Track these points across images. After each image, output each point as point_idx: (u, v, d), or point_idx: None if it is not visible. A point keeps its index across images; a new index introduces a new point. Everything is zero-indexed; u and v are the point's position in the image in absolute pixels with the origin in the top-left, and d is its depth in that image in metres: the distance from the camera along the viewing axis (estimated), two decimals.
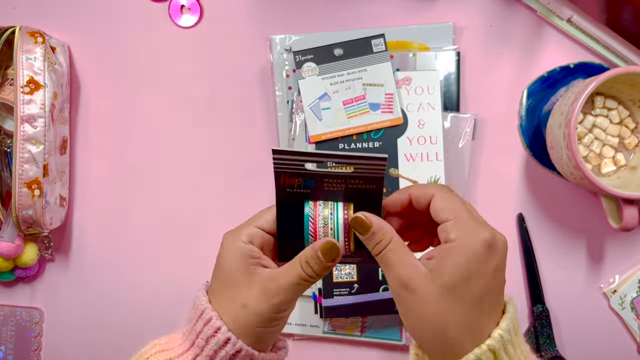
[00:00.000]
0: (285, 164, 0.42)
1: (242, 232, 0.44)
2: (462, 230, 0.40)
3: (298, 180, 0.43)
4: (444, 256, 0.39)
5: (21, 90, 0.63)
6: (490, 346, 0.38)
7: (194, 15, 0.71)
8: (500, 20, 0.70)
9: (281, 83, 0.69)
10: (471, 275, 0.39)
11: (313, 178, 0.43)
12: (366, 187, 0.43)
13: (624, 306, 0.69)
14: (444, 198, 0.42)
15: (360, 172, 0.42)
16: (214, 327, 0.42)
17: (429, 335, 0.40)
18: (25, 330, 0.72)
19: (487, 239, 0.39)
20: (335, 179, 0.43)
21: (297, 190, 0.43)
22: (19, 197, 0.63)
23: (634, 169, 0.64)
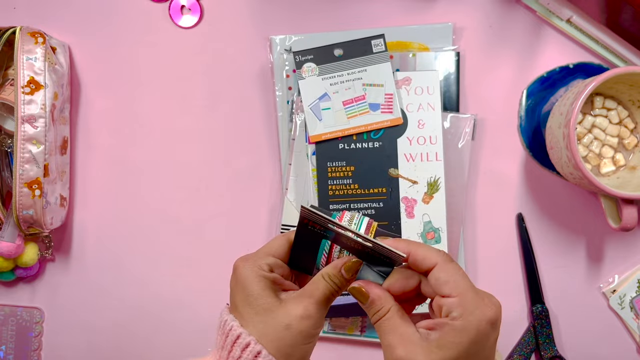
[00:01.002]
0: (311, 217, 0.44)
1: (260, 261, 0.45)
2: (466, 310, 0.39)
3: (320, 227, 0.45)
4: (447, 332, 0.39)
5: (22, 90, 0.63)
6: None
7: (194, 16, 0.71)
8: (500, 21, 0.70)
9: (281, 83, 0.69)
10: (472, 355, 0.39)
11: (334, 232, 0.45)
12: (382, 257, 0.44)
13: (623, 306, 0.69)
14: (446, 270, 0.41)
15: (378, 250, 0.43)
16: (254, 352, 0.42)
17: None
18: (25, 329, 0.72)
19: (492, 319, 0.40)
20: (354, 241, 0.44)
21: (317, 231, 0.45)
22: (20, 197, 0.63)
23: (633, 169, 0.65)
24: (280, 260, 0.46)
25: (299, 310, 0.43)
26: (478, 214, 0.70)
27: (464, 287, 0.40)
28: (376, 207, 0.66)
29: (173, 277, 0.72)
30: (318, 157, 0.66)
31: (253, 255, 0.46)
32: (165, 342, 0.72)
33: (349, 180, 0.66)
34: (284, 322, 0.43)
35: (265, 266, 0.45)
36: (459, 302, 0.40)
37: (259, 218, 0.71)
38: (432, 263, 0.42)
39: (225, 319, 0.45)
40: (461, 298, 0.40)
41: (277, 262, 0.46)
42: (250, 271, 0.45)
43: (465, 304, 0.39)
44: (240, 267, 0.46)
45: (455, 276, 0.41)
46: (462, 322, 0.39)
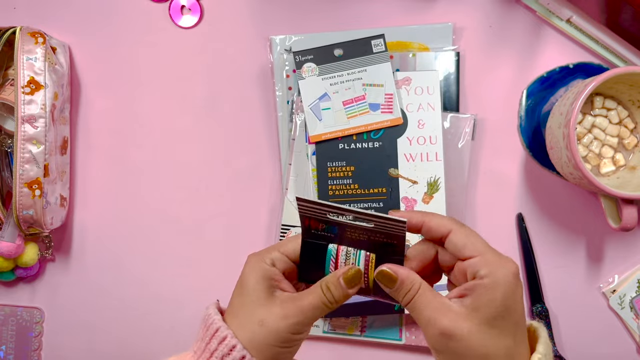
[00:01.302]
0: (309, 211, 0.43)
1: (266, 255, 0.45)
2: (491, 266, 0.40)
3: (322, 225, 0.44)
4: (480, 293, 0.40)
5: (22, 90, 0.63)
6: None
7: (195, 16, 0.71)
8: (500, 21, 0.70)
9: (281, 83, 0.69)
10: (507, 309, 0.40)
11: (336, 226, 0.44)
12: (388, 241, 0.43)
13: (623, 306, 0.69)
14: (462, 234, 0.42)
15: (380, 228, 0.43)
16: (229, 346, 0.42)
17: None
18: (25, 329, 0.72)
19: (515, 271, 0.40)
20: (357, 230, 0.43)
21: (321, 233, 0.45)
22: (20, 197, 0.63)
23: (633, 169, 0.65)
24: (287, 257, 0.45)
25: (279, 309, 0.43)
26: (478, 214, 0.70)
27: (483, 246, 0.41)
28: (376, 207, 0.66)
29: (173, 277, 0.72)
30: (318, 157, 0.66)
31: (265, 249, 0.46)
32: (165, 342, 0.72)
33: (349, 180, 0.66)
34: (259, 317, 0.43)
35: (268, 259, 0.44)
36: (482, 261, 0.40)
37: (259, 218, 0.71)
38: (447, 229, 0.42)
39: (209, 312, 0.45)
40: (483, 257, 0.40)
41: (282, 258, 0.45)
42: (252, 264, 0.45)
43: (489, 262, 0.40)
44: (248, 260, 0.46)
45: (472, 238, 0.41)
46: (491, 279, 0.39)
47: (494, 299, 0.39)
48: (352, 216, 0.43)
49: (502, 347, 0.39)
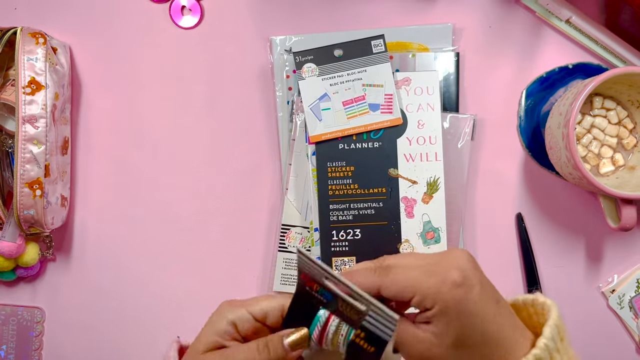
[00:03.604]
0: (307, 266, 0.41)
1: (234, 311, 0.42)
2: (433, 296, 0.38)
3: (316, 286, 0.42)
4: (438, 320, 0.39)
5: (22, 90, 0.63)
6: (537, 356, 0.38)
7: (195, 16, 0.71)
8: (499, 21, 0.70)
9: (281, 84, 0.69)
10: (467, 322, 0.38)
11: (331, 294, 0.41)
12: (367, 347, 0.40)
13: (622, 305, 0.69)
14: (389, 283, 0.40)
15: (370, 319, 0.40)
16: None
17: None
18: (26, 329, 0.72)
19: (458, 281, 0.38)
20: (350, 307, 0.40)
21: (314, 294, 0.42)
22: (21, 197, 0.63)
23: (632, 169, 0.65)
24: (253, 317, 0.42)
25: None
26: (478, 214, 0.70)
27: (415, 281, 0.39)
28: (376, 207, 0.66)
29: (173, 276, 0.72)
30: (318, 157, 0.67)
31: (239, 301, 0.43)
32: (165, 342, 0.72)
33: (348, 180, 0.67)
34: None
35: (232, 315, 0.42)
36: (420, 298, 0.39)
37: (259, 218, 0.71)
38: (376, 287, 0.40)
39: (169, 354, 0.44)
40: (419, 293, 0.39)
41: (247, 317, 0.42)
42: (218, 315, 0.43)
43: (426, 294, 0.39)
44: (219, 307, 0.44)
45: (400, 281, 0.40)
46: (438, 307, 0.38)
47: (448, 322, 0.38)
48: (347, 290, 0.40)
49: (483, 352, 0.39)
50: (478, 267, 0.40)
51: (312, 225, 0.67)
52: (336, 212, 0.66)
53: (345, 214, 0.66)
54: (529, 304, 0.43)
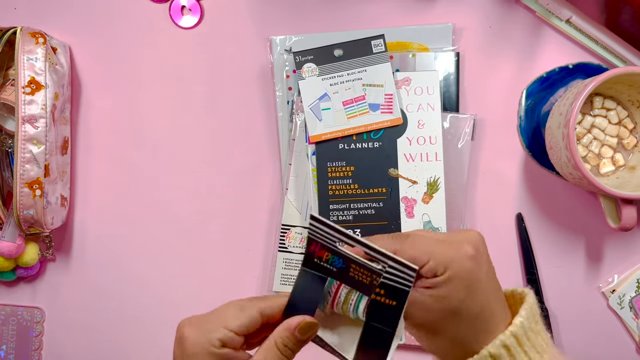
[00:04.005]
0: (320, 234, 0.42)
1: (212, 334, 0.41)
2: (445, 262, 0.41)
3: (327, 255, 0.42)
4: (441, 286, 0.41)
5: (22, 90, 0.63)
6: (513, 332, 0.41)
7: (195, 16, 0.71)
8: (499, 21, 0.70)
9: (281, 83, 0.69)
10: (471, 292, 0.41)
11: (342, 258, 0.42)
12: (388, 302, 0.42)
13: (622, 306, 0.69)
14: (407, 247, 0.42)
15: (388, 275, 0.41)
16: None
17: (450, 351, 0.42)
18: (26, 329, 0.72)
19: (471, 254, 0.42)
20: (363, 270, 0.42)
21: (323, 264, 0.42)
22: (20, 197, 0.63)
23: (632, 169, 0.65)
24: (232, 332, 0.41)
25: None
26: (478, 214, 0.70)
27: (432, 248, 0.42)
28: (376, 207, 0.66)
29: (173, 276, 0.72)
30: (318, 157, 0.67)
31: (203, 322, 0.42)
32: (165, 342, 0.72)
33: (349, 180, 0.67)
34: None
35: (217, 341, 0.41)
36: (435, 263, 0.41)
37: (259, 218, 0.71)
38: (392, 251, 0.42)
39: None
40: (435, 258, 0.41)
41: (229, 336, 0.41)
42: (199, 346, 0.41)
43: (441, 260, 0.41)
44: (188, 338, 0.41)
45: (418, 247, 0.42)
46: (448, 274, 0.41)
47: (454, 289, 0.41)
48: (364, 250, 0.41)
49: (476, 326, 0.41)
50: (487, 249, 0.44)
51: None
52: (336, 212, 0.66)
53: (345, 214, 0.66)
54: (508, 295, 0.46)
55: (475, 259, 0.42)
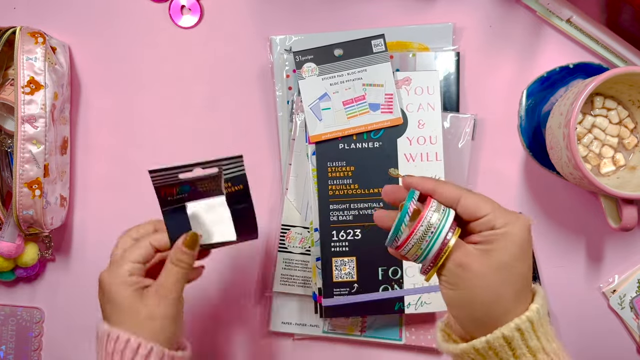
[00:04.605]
0: (162, 179, 0.52)
1: (121, 269, 0.52)
2: (505, 219, 0.43)
3: (175, 189, 0.53)
4: (496, 240, 0.43)
5: (22, 90, 0.63)
6: (529, 317, 0.43)
7: (194, 16, 0.71)
8: (500, 21, 0.70)
9: (281, 83, 0.69)
10: (519, 257, 0.43)
11: (187, 184, 0.53)
12: (236, 188, 0.54)
13: (623, 306, 0.69)
14: (472, 198, 0.45)
15: (226, 173, 0.52)
16: (123, 340, 0.49)
17: (484, 305, 0.43)
18: (25, 330, 0.72)
19: (528, 226, 0.44)
20: (207, 181, 0.53)
21: (177, 197, 0.54)
22: (20, 197, 0.63)
23: (633, 169, 0.65)
24: (136, 262, 0.52)
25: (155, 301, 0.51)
26: None
27: (495, 204, 0.45)
28: (376, 207, 0.66)
29: None
30: (318, 157, 0.66)
31: (112, 264, 0.54)
32: None
33: (349, 180, 0.66)
34: (147, 316, 0.50)
35: (126, 272, 0.52)
36: (496, 216, 0.43)
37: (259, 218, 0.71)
38: (457, 196, 0.45)
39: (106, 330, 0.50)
40: (496, 213, 0.44)
41: (134, 266, 0.52)
42: (113, 282, 0.52)
43: (503, 216, 0.44)
44: (103, 280, 0.53)
45: (483, 199, 0.45)
46: (505, 229, 0.43)
47: (506, 245, 0.43)
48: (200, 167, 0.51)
49: (510, 289, 0.43)
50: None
51: (312, 226, 0.67)
52: (336, 212, 0.66)
53: (345, 214, 0.66)
54: None
55: (529, 233, 0.44)
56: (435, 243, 0.43)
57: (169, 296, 0.51)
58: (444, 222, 0.43)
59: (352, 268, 0.66)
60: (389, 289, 0.66)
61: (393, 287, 0.66)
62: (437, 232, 0.43)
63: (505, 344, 0.42)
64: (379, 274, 0.66)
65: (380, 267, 0.66)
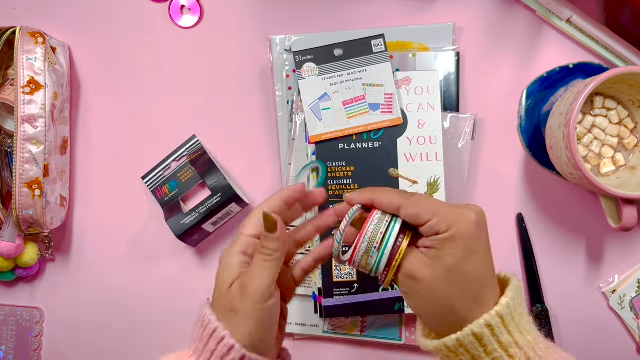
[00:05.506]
0: (154, 180, 0.67)
1: (237, 243, 0.47)
2: (449, 221, 0.43)
3: (166, 187, 0.65)
4: (442, 245, 0.43)
5: (22, 90, 0.63)
6: (499, 312, 0.42)
7: (194, 16, 0.71)
8: (499, 21, 0.70)
9: (281, 83, 0.69)
10: (469, 255, 0.43)
11: (173, 179, 0.65)
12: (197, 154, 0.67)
13: (623, 306, 0.69)
14: (413, 204, 0.44)
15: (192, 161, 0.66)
16: (228, 345, 0.44)
17: (439, 315, 0.43)
18: (25, 330, 0.72)
19: (474, 219, 0.43)
20: (184, 170, 0.67)
21: (170, 196, 0.67)
22: (20, 197, 0.63)
23: (633, 169, 0.65)
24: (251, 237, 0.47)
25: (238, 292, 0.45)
26: None
27: (438, 207, 0.43)
28: None
29: (173, 276, 0.72)
30: (318, 157, 0.66)
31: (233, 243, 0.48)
32: (165, 342, 0.72)
33: (349, 180, 0.66)
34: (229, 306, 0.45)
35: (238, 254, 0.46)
36: (439, 220, 0.43)
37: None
38: (397, 205, 0.44)
39: (204, 312, 0.46)
40: (439, 216, 0.43)
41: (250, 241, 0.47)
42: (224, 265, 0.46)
43: (446, 218, 0.43)
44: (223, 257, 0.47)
45: (423, 204, 0.44)
46: (450, 232, 0.42)
47: (452, 250, 0.42)
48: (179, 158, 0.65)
49: (468, 293, 0.43)
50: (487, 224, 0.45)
51: None
52: None
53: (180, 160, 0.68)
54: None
55: (478, 226, 0.43)
56: (384, 253, 0.44)
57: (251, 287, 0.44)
58: (390, 231, 0.44)
59: (352, 268, 0.66)
60: (388, 289, 0.66)
61: (393, 287, 0.66)
62: (384, 242, 0.44)
63: (476, 341, 0.42)
64: None
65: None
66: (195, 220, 0.66)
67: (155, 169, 0.67)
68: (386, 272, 0.44)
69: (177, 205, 0.67)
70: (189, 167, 0.67)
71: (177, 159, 0.67)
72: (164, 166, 0.66)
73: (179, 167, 0.67)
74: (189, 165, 0.67)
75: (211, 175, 0.67)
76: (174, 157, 0.67)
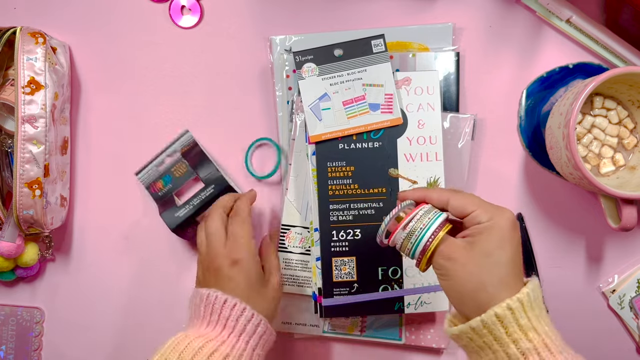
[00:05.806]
0: (145, 176, 0.68)
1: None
2: (489, 214, 0.48)
3: (160, 183, 0.66)
4: (480, 232, 0.48)
5: (22, 90, 0.63)
6: (520, 298, 0.46)
7: (195, 16, 0.71)
8: (499, 21, 0.70)
9: (281, 83, 0.69)
10: (503, 244, 0.48)
11: (166, 174, 0.66)
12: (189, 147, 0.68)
13: (623, 306, 0.69)
14: (459, 197, 0.50)
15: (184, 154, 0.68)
16: (240, 308, 0.55)
17: (470, 291, 0.47)
18: (25, 329, 0.72)
19: (511, 217, 0.49)
20: (177, 165, 0.68)
21: (164, 190, 0.68)
22: (20, 197, 0.63)
23: (632, 169, 0.65)
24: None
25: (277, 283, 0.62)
26: None
27: (480, 201, 0.50)
28: (376, 207, 0.66)
29: (173, 276, 0.72)
30: (318, 157, 0.67)
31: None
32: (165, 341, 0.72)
33: (349, 180, 0.66)
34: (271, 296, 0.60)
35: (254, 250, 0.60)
36: (481, 212, 0.49)
37: (259, 218, 0.71)
38: (446, 199, 0.51)
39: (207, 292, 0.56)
40: (482, 209, 0.49)
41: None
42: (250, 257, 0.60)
43: (487, 211, 0.49)
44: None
45: (468, 198, 0.50)
46: (489, 222, 0.48)
47: (489, 236, 0.48)
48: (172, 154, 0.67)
49: (494, 276, 0.47)
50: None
51: (312, 225, 0.67)
52: (336, 212, 0.66)
53: (345, 214, 0.66)
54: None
55: (514, 224, 0.49)
56: (423, 238, 0.49)
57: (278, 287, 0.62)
58: (433, 220, 0.50)
59: (352, 268, 0.66)
60: (388, 288, 0.66)
61: (393, 287, 0.66)
62: (425, 229, 0.49)
63: (498, 322, 0.46)
64: (379, 273, 0.66)
65: (380, 267, 0.66)
66: (189, 213, 0.67)
67: (148, 165, 0.69)
68: (421, 255, 0.50)
69: (171, 200, 0.68)
70: (181, 160, 0.68)
71: (170, 154, 0.68)
72: (157, 161, 0.68)
73: (172, 162, 0.68)
74: (181, 158, 0.68)
75: (204, 167, 0.68)
76: (167, 152, 0.68)
